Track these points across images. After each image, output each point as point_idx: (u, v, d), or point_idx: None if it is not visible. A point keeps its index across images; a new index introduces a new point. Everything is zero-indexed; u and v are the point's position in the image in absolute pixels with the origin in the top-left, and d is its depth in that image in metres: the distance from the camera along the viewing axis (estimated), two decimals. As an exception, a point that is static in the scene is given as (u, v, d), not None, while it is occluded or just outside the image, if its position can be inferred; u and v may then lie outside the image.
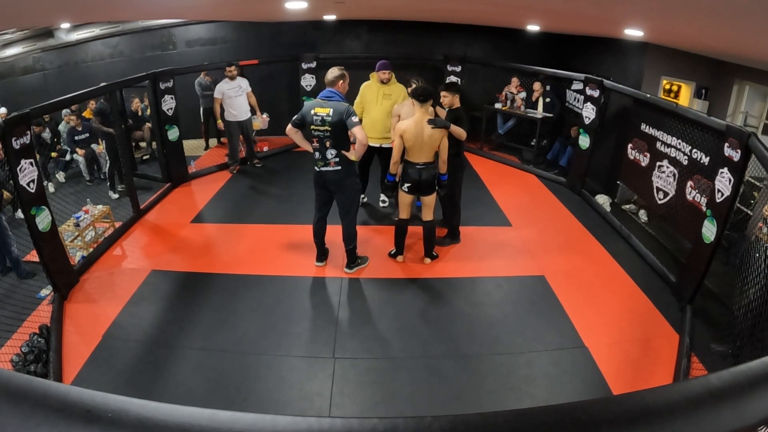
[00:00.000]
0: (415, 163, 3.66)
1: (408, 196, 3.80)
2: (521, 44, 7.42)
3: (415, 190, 3.75)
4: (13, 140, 3.12)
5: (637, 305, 3.65)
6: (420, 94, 3.56)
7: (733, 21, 2.55)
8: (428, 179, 3.71)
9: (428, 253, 4.10)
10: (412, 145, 3.59)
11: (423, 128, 3.54)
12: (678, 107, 4.15)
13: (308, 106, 3.47)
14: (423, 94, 3.57)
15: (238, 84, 5.83)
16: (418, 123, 3.55)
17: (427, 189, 3.77)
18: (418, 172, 3.67)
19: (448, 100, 3.97)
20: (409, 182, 3.72)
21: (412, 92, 3.60)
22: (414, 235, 4.28)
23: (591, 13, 3.66)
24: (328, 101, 3.42)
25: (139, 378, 2.87)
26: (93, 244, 4.35)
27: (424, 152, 3.63)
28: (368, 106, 4.57)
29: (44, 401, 0.55)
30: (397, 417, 0.59)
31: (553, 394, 2.79)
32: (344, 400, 2.72)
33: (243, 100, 5.91)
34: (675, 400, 0.60)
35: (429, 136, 3.56)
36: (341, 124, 3.37)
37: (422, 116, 3.56)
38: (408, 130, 3.55)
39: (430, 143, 3.59)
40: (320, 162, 3.56)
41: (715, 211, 3.32)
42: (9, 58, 6.82)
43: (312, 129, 3.43)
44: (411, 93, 3.61)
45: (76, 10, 4.49)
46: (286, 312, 3.47)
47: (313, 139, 3.49)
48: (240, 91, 5.85)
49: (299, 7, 4.39)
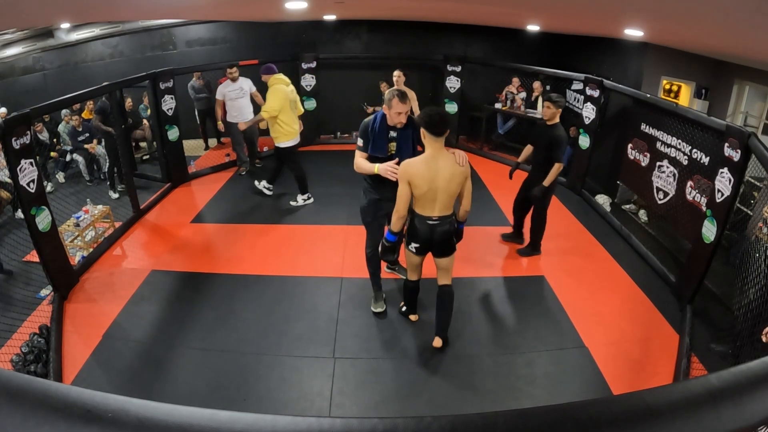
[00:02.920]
0: (426, 217, 2.70)
1: (416, 258, 2.91)
2: (521, 44, 7.42)
3: (426, 250, 2.85)
4: (13, 140, 3.12)
5: (637, 305, 3.64)
6: (435, 123, 2.50)
7: (733, 21, 2.55)
8: (444, 237, 2.75)
9: (442, 329, 3.05)
10: (424, 193, 2.60)
11: (438, 170, 2.55)
12: (678, 107, 4.15)
13: None
14: (440, 123, 2.51)
15: (239, 86, 5.72)
16: (431, 164, 2.55)
17: (443, 249, 2.82)
18: (429, 229, 2.71)
19: (550, 112, 3.66)
20: (419, 242, 2.79)
21: (424, 120, 2.53)
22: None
23: (591, 12, 3.66)
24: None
25: (139, 378, 2.87)
26: (93, 244, 4.35)
27: (440, 202, 2.65)
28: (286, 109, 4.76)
29: (44, 401, 0.55)
30: (397, 417, 0.59)
31: (553, 394, 2.79)
32: (344, 400, 2.72)
33: (245, 102, 5.81)
34: (675, 400, 0.60)
35: (448, 180, 2.57)
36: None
37: (436, 154, 2.56)
38: (418, 174, 2.55)
39: (449, 190, 2.61)
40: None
41: (715, 211, 3.32)
42: (9, 58, 6.81)
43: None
44: (422, 121, 2.54)
45: (76, 10, 4.49)
46: (286, 312, 3.47)
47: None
48: (241, 93, 5.75)
49: (299, 7, 4.39)
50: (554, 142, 3.71)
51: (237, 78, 5.71)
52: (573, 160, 5.95)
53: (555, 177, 3.79)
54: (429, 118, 2.52)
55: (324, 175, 6.12)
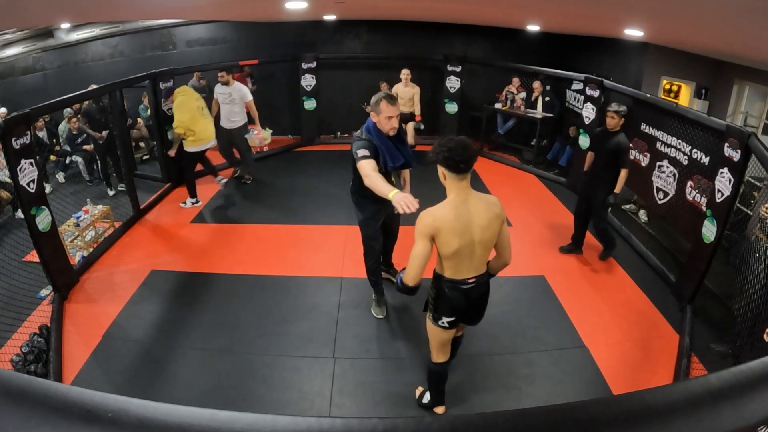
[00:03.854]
0: (459, 281, 2.09)
1: (447, 333, 2.27)
2: (521, 44, 7.42)
3: (458, 322, 2.24)
4: (13, 140, 3.12)
5: (637, 305, 3.65)
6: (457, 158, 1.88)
7: (733, 21, 2.55)
8: (480, 301, 2.21)
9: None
10: (457, 250, 1.98)
11: (471, 218, 1.96)
12: (678, 107, 4.15)
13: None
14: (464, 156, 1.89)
15: (229, 91, 5.37)
16: (461, 211, 1.95)
17: (478, 315, 2.28)
18: (464, 295, 2.11)
19: (614, 122, 3.74)
20: (451, 315, 2.17)
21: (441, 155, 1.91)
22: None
23: (591, 12, 3.66)
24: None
25: (139, 378, 2.87)
26: (93, 244, 4.35)
27: (477, 259, 2.06)
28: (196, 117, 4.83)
29: (44, 401, 0.55)
30: (397, 417, 0.59)
31: (553, 394, 2.78)
32: (344, 400, 2.72)
33: (231, 109, 5.41)
34: (675, 400, 0.60)
35: (483, 228, 1.99)
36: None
37: (465, 196, 1.96)
38: (446, 226, 1.93)
39: (485, 242, 2.03)
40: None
41: (715, 211, 3.32)
42: (9, 58, 6.81)
43: None
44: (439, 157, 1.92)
45: (76, 10, 4.49)
46: (286, 312, 3.46)
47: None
48: (229, 99, 5.37)
49: (299, 7, 4.40)
50: (620, 149, 3.78)
51: (228, 82, 5.41)
52: (573, 160, 5.95)
53: (623, 183, 3.87)
54: (449, 152, 1.88)
55: (324, 175, 6.12)
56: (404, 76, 6.11)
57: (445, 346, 2.37)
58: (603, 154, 3.92)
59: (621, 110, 3.80)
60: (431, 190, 2.46)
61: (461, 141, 1.92)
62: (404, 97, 6.14)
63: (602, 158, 3.93)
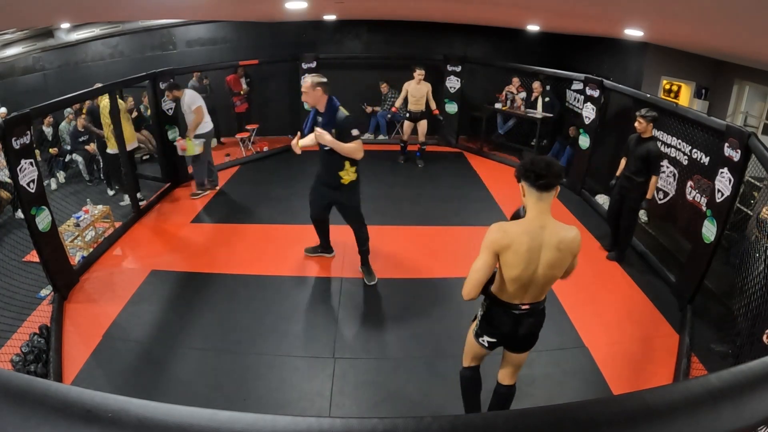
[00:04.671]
0: (511, 305, 1.96)
1: (484, 350, 2.22)
2: (521, 44, 7.42)
3: (500, 345, 2.17)
4: (13, 140, 3.12)
5: (637, 305, 3.64)
6: (540, 172, 1.75)
7: (733, 21, 2.55)
8: (531, 330, 2.07)
9: None
10: (519, 274, 1.84)
11: (542, 248, 1.81)
12: (678, 107, 4.15)
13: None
14: (546, 173, 1.75)
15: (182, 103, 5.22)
16: (535, 236, 1.80)
17: (526, 344, 2.15)
18: (514, 320, 2.00)
19: (641, 127, 3.76)
20: (495, 337, 2.10)
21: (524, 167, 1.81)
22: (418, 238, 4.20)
23: (591, 12, 3.66)
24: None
25: (139, 378, 2.86)
26: (93, 244, 4.35)
27: (536, 288, 1.91)
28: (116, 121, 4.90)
29: (44, 401, 0.55)
30: (397, 417, 0.59)
31: (553, 394, 2.78)
32: (344, 400, 2.72)
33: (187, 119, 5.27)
34: (675, 400, 0.60)
35: (551, 265, 1.83)
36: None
37: (543, 220, 1.81)
38: (516, 243, 1.79)
39: (548, 276, 1.86)
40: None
41: (715, 211, 3.32)
42: (9, 58, 6.81)
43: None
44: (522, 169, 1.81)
45: (75, 10, 4.49)
46: (286, 312, 3.46)
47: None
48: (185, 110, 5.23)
49: (299, 7, 4.40)
50: (650, 155, 3.77)
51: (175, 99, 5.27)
52: (573, 161, 5.95)
53: (654, 189, 3.90)
54: (531, 164, 1.78)
55: (324, 175, 6.12)
56: (418, 75, 5.99)
57: (478, 359, 2.31)
58: (635, 159, 3.91)
59: (648, 115, 3.77)
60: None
61: (546, 158, 1.82)
62: (416, 95, 6.08)
63: (634, 163, 3.92)
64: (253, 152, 7.02)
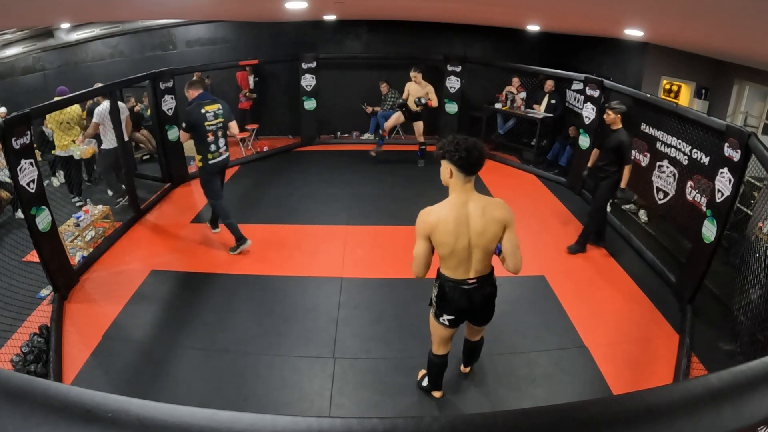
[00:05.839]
0: (459, 280, 2.10)
1: (448, 330, 2.32)
2: (521, 44, 7.42)
3: (461, 321, 2.28)
4: (13, 140, 3.12)
5: (637, 305, 3.64)
6: (471, 159, 1.90)
7: (733, 21, 2.55)
8: (486, 302, 2.20)
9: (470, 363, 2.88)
10: (452, 251, 2.01)
11: (469, 219, 1.96)
12: (678, 107, 4.15)
13: (194, 110, 3.85)
14: (478, 158, 1.92)
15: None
16: (459, 213, 1.96)
17: (485, 316, 2.30)
18: (465, 295, 2.12)
19: (610, 118, 3.84)
20: (453, 313, 2.21)
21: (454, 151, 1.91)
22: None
23: (591, 12, 3.66)
24: (214, 101, 3.97)
25: (139, 378, 2.86)
26: (93, 244, 4.35)
27: (476, 260, 2.05)
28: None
29: (44, 401, 0.55)
30: (397, 417, 0.59)
31: (553, 394, 2.78)
32: (344, 400, 2.72)
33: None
34: (675, 400, 0.60)
35: (479, 233, 1.97)
36: (229, 117, 4.03)
37: (466, 198, 1.97)
38: (441, 227, 1.96)
39: (482, 246, 2.00)
40: (216, 152, 4.00)
41: (715, 211, 3.32)
42: (9, 58, 6.82)
43: (206, 125, 3.87)
44: (450, 153, 1.92)
45: (75, 10, 4.49)
46: (286, 312, 3.47)
47: (208, 134, 3.90)
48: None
49: (299, 7, 4.40)
50: (622, 145, 3.89)
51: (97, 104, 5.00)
52: (573, 160, 5.95)
53: (628, 178, 3.98)
54: (466, 152, 1.87)
55: (324, 175, 6.12)
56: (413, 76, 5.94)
57: (445, 341, 2.41)
58: (606, 150, 4.07)
59: (617, 108, 3.91)
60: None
61: (476, 142, 1.93)
62: (417, 95, 6.02)
63: (606, 154, 4.07)
64: (253, 152, 7.02)
